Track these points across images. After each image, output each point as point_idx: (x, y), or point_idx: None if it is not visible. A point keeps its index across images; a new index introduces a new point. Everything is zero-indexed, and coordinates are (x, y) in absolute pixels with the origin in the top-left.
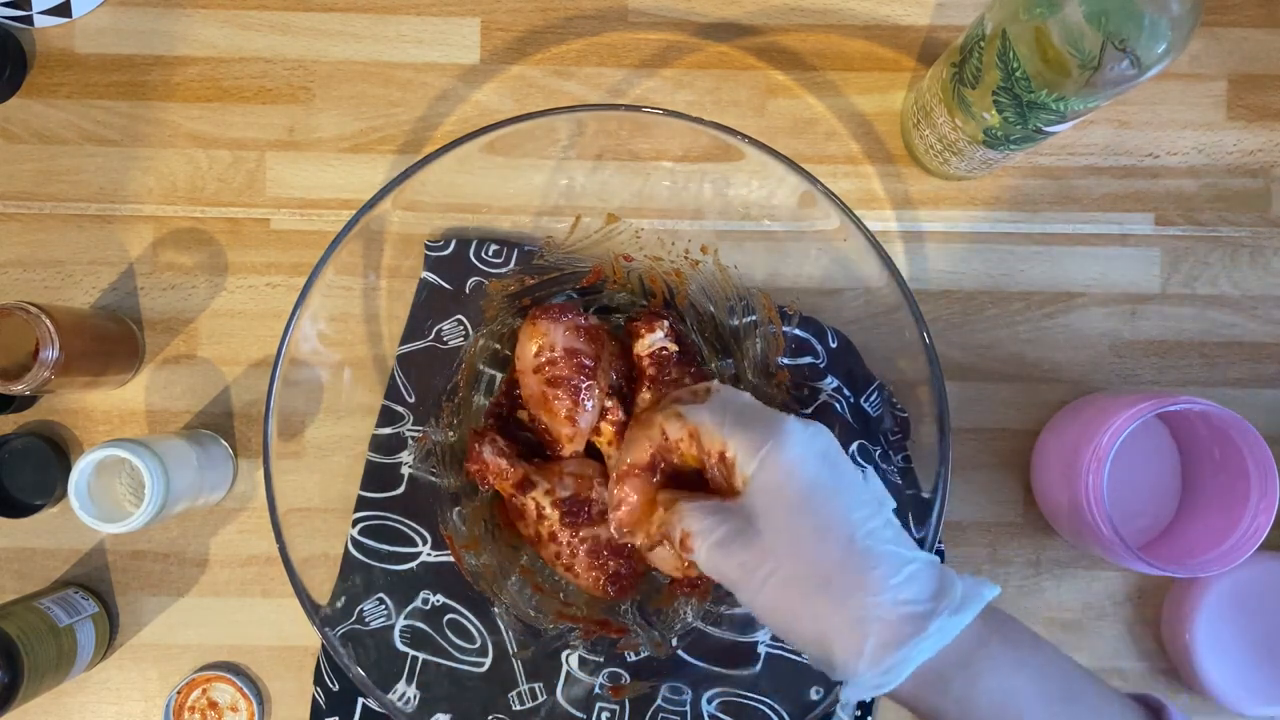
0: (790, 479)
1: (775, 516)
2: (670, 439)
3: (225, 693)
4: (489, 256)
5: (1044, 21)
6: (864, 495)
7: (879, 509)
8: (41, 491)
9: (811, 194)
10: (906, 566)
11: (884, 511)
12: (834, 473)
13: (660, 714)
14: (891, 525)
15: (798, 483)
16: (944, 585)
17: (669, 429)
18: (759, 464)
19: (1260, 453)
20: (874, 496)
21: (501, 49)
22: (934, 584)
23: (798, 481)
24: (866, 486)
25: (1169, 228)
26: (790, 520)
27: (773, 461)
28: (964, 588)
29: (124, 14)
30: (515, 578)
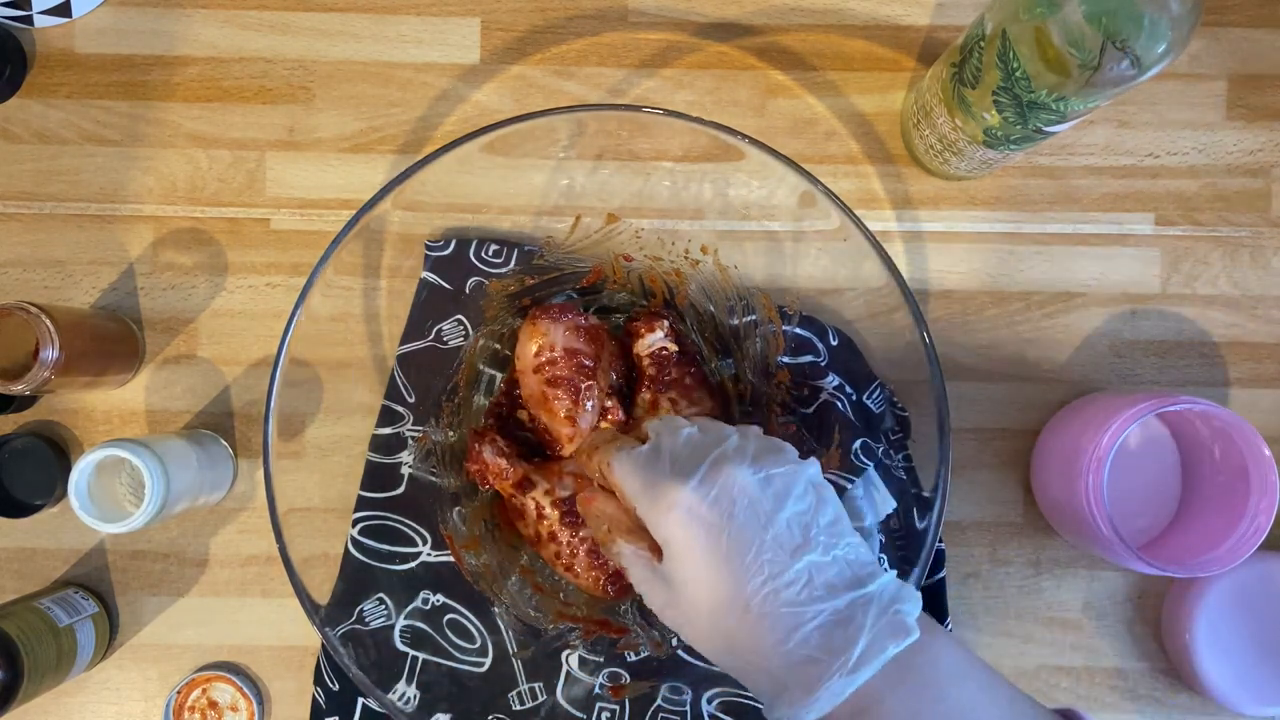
0: (686, 557)
1: (684, 589)
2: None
3: (225, 693)
4: (489, 256)
5: (1044, 21)
6: (765, 555)
7: (790, 559)
8: (41, 491)
9: (811, 194)
10: (801, 628)
11: (795, 562)
12: (729, 542)
13: (660, 714)
14: (800, 577)
15: (693, 562)
16: (845, 639)
17: (604, 473)
18: (661, 539)
19: (1260, 453)
20: (783, 546)
21: (501, 49)
22: (832, 640)
23: (693, 561)
24: (777, 537)
25: (1169, 228)
26: (694, 595)
27: (670, 540)
28: (867, 643)
29: (124, 14)
30: (515, 578)
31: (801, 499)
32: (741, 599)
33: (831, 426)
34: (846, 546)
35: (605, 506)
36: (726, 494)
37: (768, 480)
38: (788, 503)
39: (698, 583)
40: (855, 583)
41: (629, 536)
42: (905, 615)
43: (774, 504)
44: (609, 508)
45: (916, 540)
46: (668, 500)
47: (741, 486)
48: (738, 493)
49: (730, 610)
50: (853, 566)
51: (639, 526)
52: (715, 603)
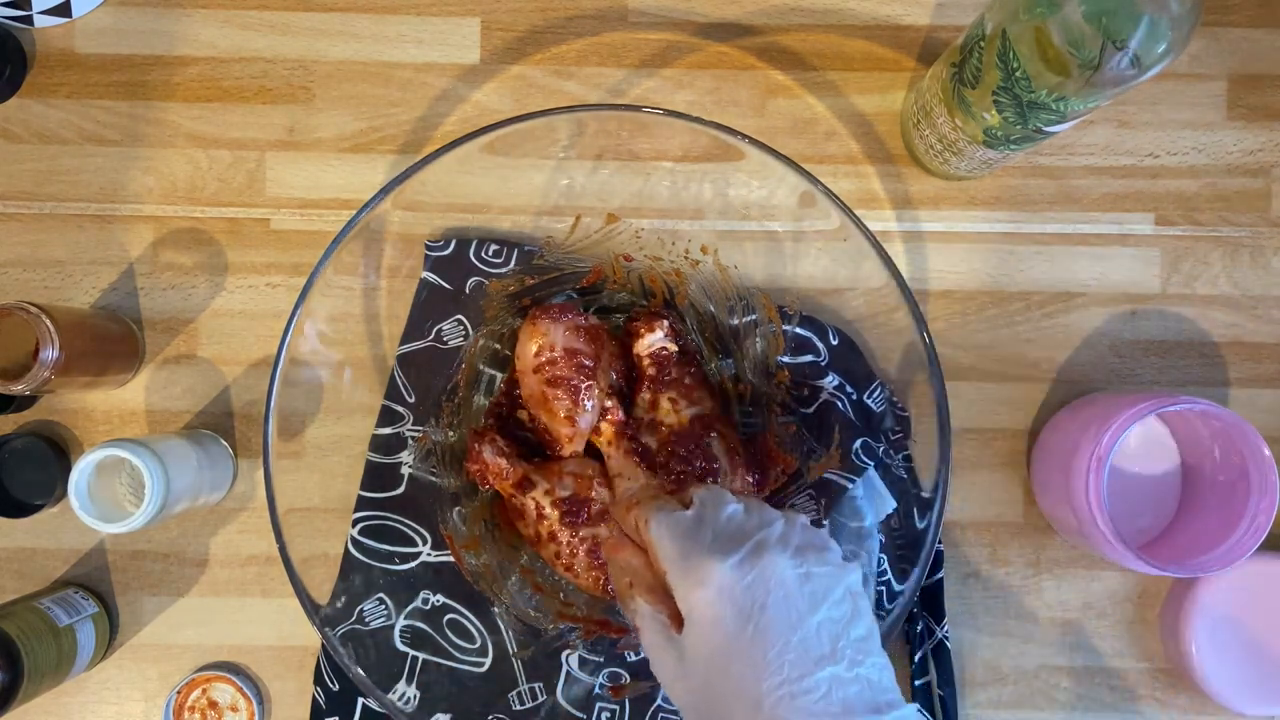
0: (709, 637)
1: (696, 664)
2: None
3: (225, 693)
4: (489, 256)
5: (1044, 21)
6: (789, 656)
7: (813, 666)
8: (41, 491)
9: (811, 194)
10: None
11: (818, 670)
12: (755, 632)
13: (660, 714)
14: (819, 687)
15: (715, 643)
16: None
17: (640, 528)
18: (686, 613)
19: (1260, 453)
20: (809, 652)
21: (501, 49)
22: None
23: (715, 642)
24: (805, 640)
25: (1169, 228)
26: (707, 677)
27: (695, 617)
28: None
29: (124, 14)
30: (515, 577)
31: (838, 605)
32: (756, 694)
33: (832, 426)
34: (872, 666)
35: (633, 559)
36: (763, 582)
37: (807, 578)
38: (823, 607)
39: (714, 665)
40: (873, 708)
41: (650, 596)
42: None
43: (809, 605)
44: (636, 561)
45: (916, 540)
46: (702, 574)
47: (780, 579)
48: (775, 584)
49: (740, 702)
50: (874, 689)
51: (662, 589)
52: (726, 692)
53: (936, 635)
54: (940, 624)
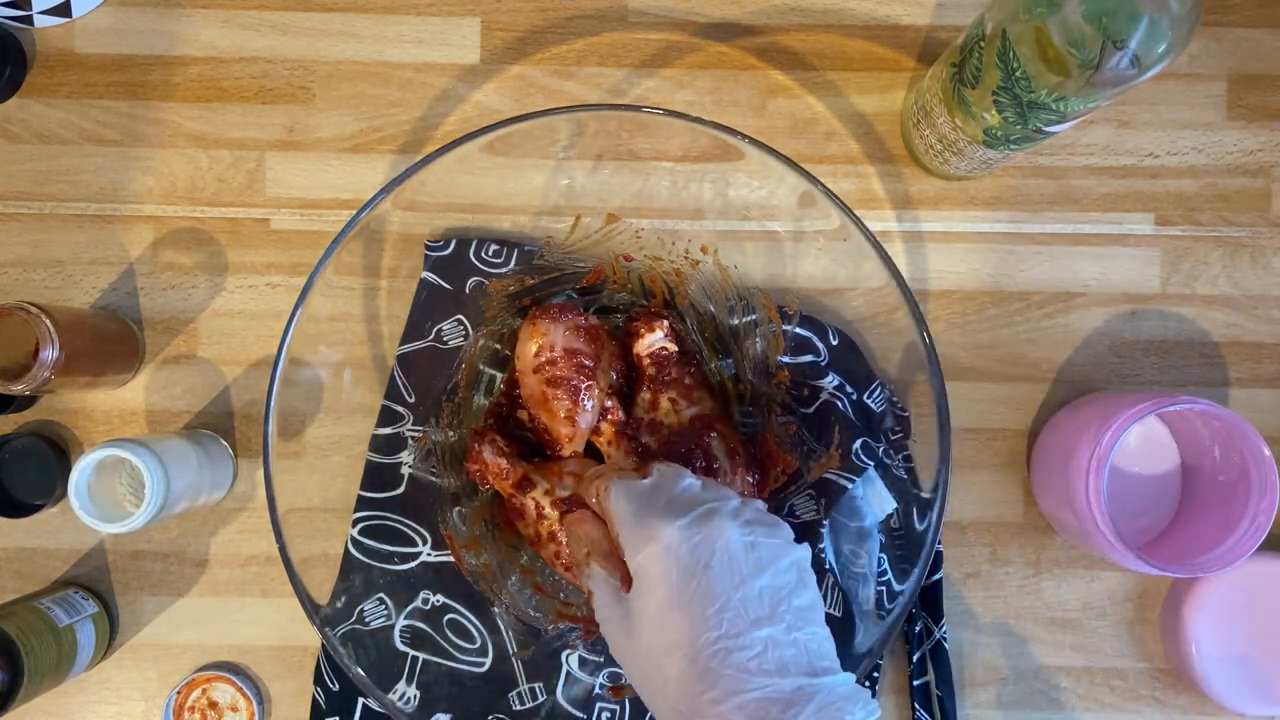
0: (653, 592)
1: (640, 622)
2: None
3: (225, 693)
4: (489, 256)
5: (1044, 21)
6: (728, 614)
7: (750, 626)
8: (41, 491)
9: (811, 194)
10: (741, 695)
11: (755, 630)
12: (697, 589)
13: None
14: (754, 645)
15: (659, 597)
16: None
17: (599, 496)
18: (634, 570)
19: (1260, 453)
20: (747, 612)
21: (501, 49)
22: (765, 717)
23: (659, 596)
24: (745, 600)
25: (1169, 228)
26: (649, 629)
27: (642, 571)
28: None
29: (124, 14)
30: (515, 577)
31: (782, 574)
32: (693, 648)
33: (832, 426)
34: (811, 635)
35: (592, 530)
36: (709, 543)
37: (753, 546)
38: (767, 573)
39: (656, 620)
40: (808, 671)
41: (604, 562)
42: (845, 716)
43: (752, 569)
44: (595, 532)
45: (916, 540)
46: (651, 532)
47: (726, 542)
48: (720, 546)
49: (678, 656)
50: (811, 655)
51: (616, 556)
52: (666, 644)
53: (935, 635)
54: (939, 624)
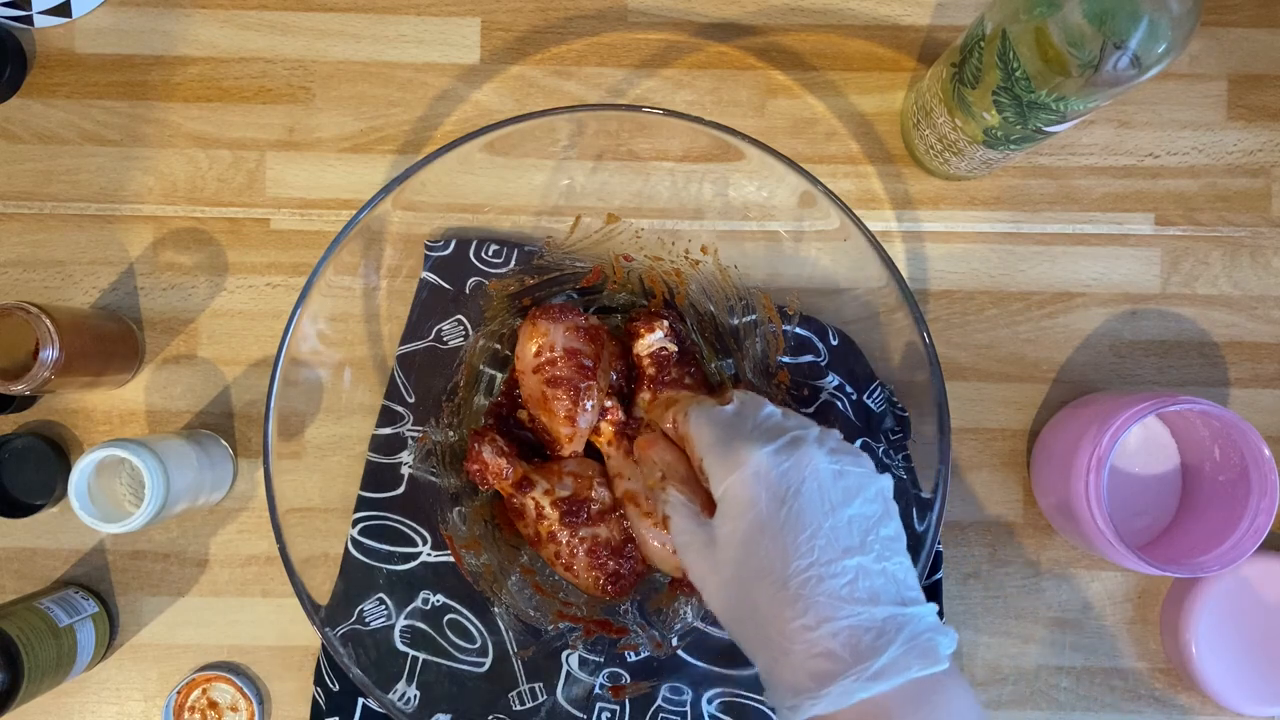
0: (742, 517)
1: (727, 548)
2: (677, 430)
3: (225, 693)
4: (489, 256)
5: (1044, 21)
6: (819, 541)
7: (840, 554)
8: (41, 491)
9: (811, 194)
10: (833, 622)
11: (845, 558)
12: (788, 515)
13: (660, 714)
14: (846, 573)
15: (748, 522)
16: (872, 648)
17: (677, 421)
18: (721, 495)
19: (1260, 453)
20: (837, 540)
21: (501, 49)
22: (859, 644)
23: (748, 521)
24: (835, 528)
25: (1169, 228)
26: (737, 556)
27: (731, 496)
28: (894, 657)
29: (124, 14)
30: (515, 577)
31: (869, 503)
32: (783, 575)
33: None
34: (898, 565)
35: (665, 454)
36: (799, 470)
37: (841, 474)
38: (855, 501)
39: (744, 546)
40: (898, 600)
41: (682, 487)
42: (939, 645)
43: (841, 497)
44: (669, 456)
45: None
46: (740, 457)
47: (815, 469)
48: (810, 473)
49: (768, 582)
50: (899, 585)
51: (694, 480)
52: (755, 570)
53: None
54: None
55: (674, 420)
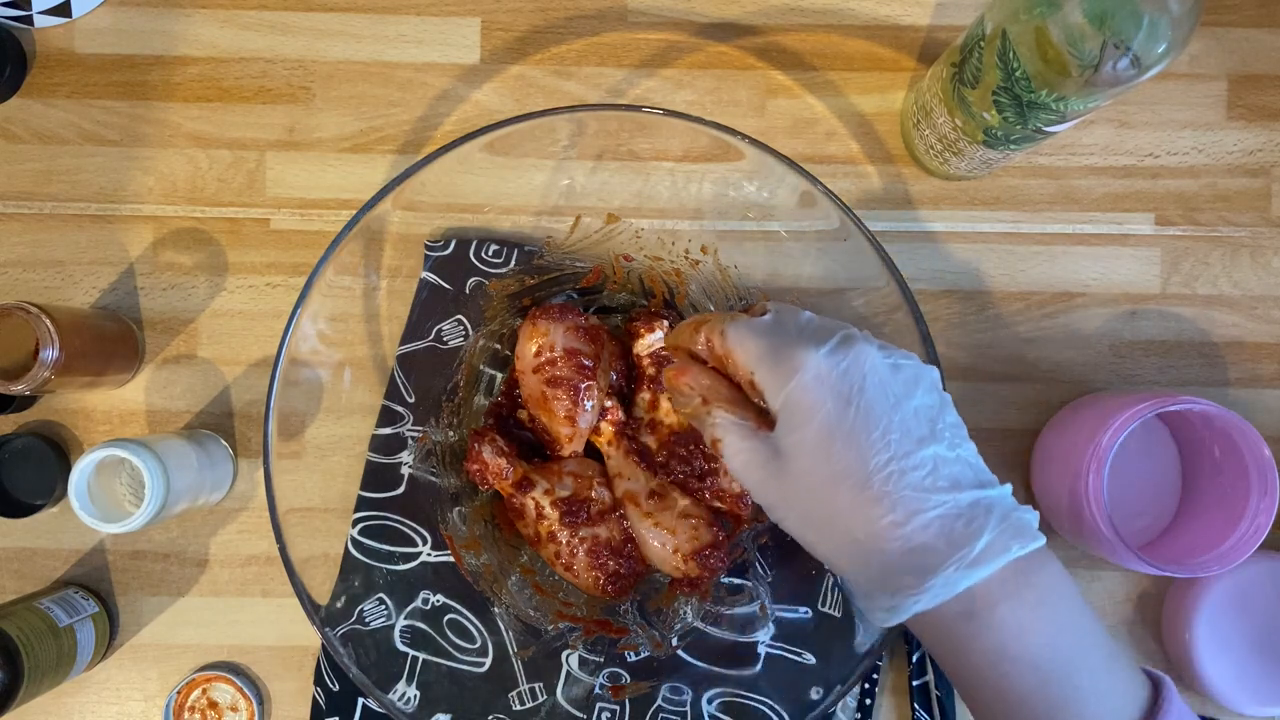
0: (808, 424)
1: (797, 458)
2: (714, 351)
3: (225, 693)
4: (489, 256)
5: (1044, 21)
6: (893, 435)
7: (915, 446)
8: (41, 491)
9: (811, 194)
10: (922, 514)
11: (921, 449)
12: (857, 414)
13: (660, 714)
14: (924, 464)
15: (816, 427)
16: (966, 534)
17: (713, 341)
18: (781, 404)
19: (1260, 453)
20: (910, 432)
21: (501, 49)
22: (953, 532)
23: (816, 426)
24: (905, 421)
25: (1169, 228)
26: (809, 464)
27: (793, 404)
28: (990, 540)
29: (124, 14)
30: (515, 577)
31: (929, 393)
32: (863, 474)
33: None
34: (969, 450)
35: (701, 378)
36: (858, 367)
37: (897, 367)
38: (917, 392)
39: (816, 453)
40: (978, 484)
41: (729, 406)
42: (1030, 522)
43: (904, 390)
44: (705, 379)
45: None
46: (797, 362)
47: (873, 364)
48: (869, 368)
49: (847, 485)
50: (975, 470)
51: (740, 398)
52: (832, 475)
53: None
54: None
55: (708, 340)
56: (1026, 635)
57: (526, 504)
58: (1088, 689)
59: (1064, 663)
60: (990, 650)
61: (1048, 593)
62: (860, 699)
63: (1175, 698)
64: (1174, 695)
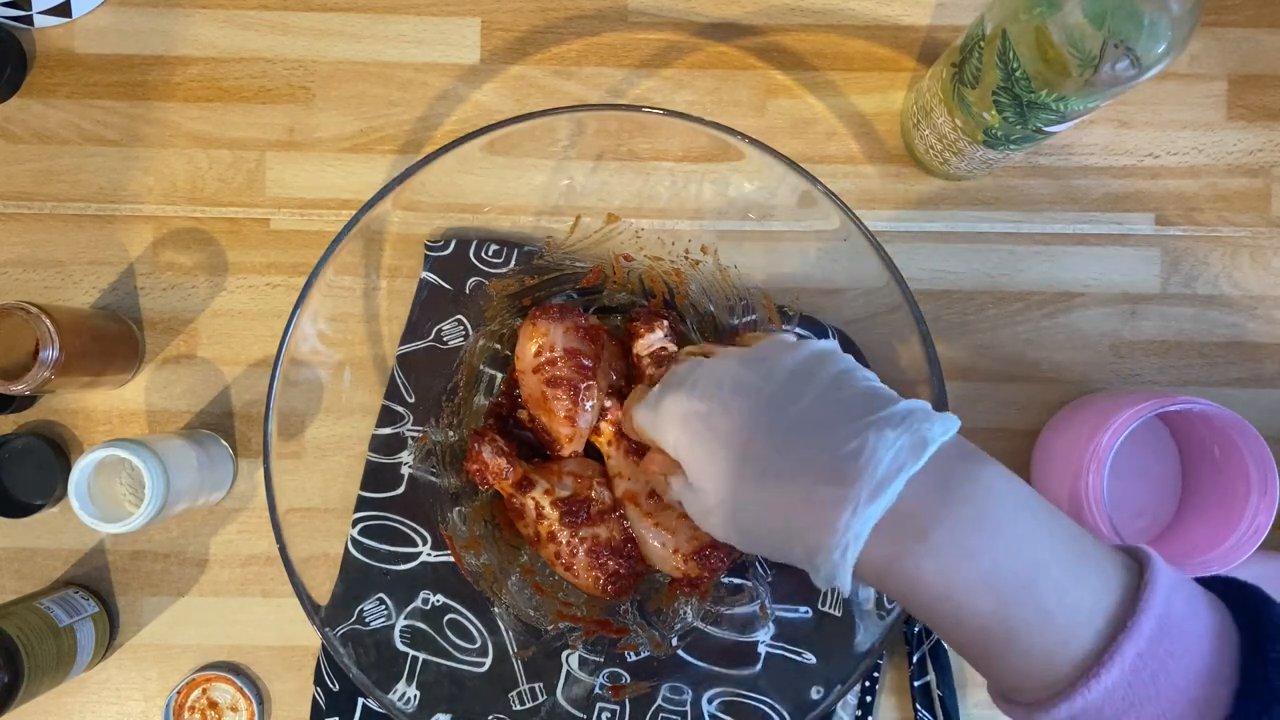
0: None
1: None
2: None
3: (225, 693)
4: (489, 256)
5: (1044, 21)
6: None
7: (790, 410)
8: (41, 491)
9: (811, 194)
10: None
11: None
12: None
13: (661, 714)
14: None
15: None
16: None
17: (634, 431)
18: (670, 450)
19: (1260, 453)
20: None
21: (501, 49)
22: (842, 472)
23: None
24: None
25: (1169, 228)
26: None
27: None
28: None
29: (124, 14)
30: (515, 577)
31: (801, 364)
32: (753, 467)
33: None
34: (862, 380)
35: (653, 460)
36: (711, 382)
37: (754, 361)
38: (780, 370)
39: (711, 470)
40: (867, 411)
41: (667, 469)
42: (927, 433)
43: (763, 376)
44: (658, 459)
45: None
46: (665, 415)
47: (726, 370)
48: (723, 376)
49: (745, 481)
50: (864, 398)
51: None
52: (732, 481)
53: (934, 636)
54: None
55: (633, 429)
56: (971, 558)
57: (526, 504)
58: (1051, 600)
59: (1019, 578)
60: (936, 584)
61: (986, 503)
62: (861, 698)
63: (1161, 571)
64: (1160, 568)
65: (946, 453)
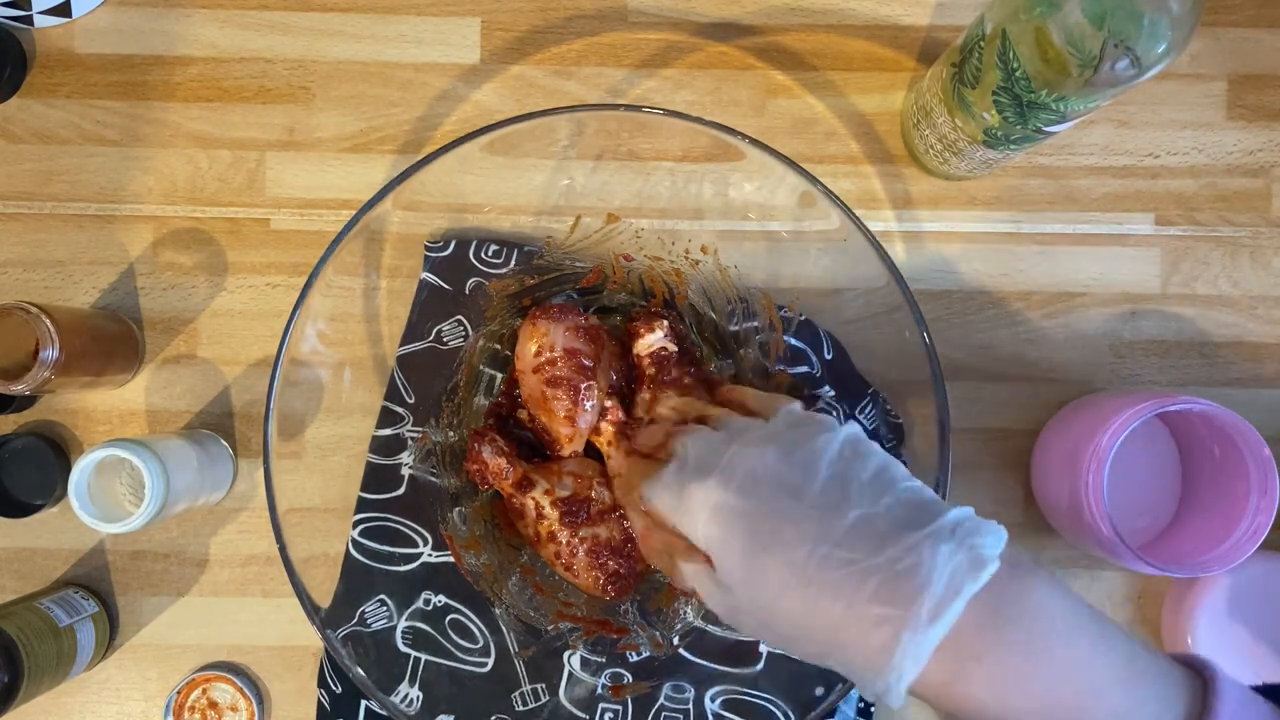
0: (729, 551)
1: (739, 586)
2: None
3: (225, 693)
4: (489, 257)
5: (1044, 21)
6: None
7: (834, 521)
8: (41, 491)
9: (811, 194)
10: (866, 585)
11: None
12: (765, 521)
13: (663, 713)
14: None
15: (737, 554)
16: (911, 591)
17: (647, 510)
18: (702, 545)
19: (1260, 453)
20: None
21: (501, 49)
22: (897, 594)
23: (736, 553)
24: (814, 504)
25: (1169, 228)
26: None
27: (710, 544)
28: (942, 587)
29: (124, 14)
30: (515, 577)
31: (836, 461)
32: (796, 576)
33: None
34: (904, 490)
35: (663, 537)
36: (749, 477)
37: (790, 452)
38: (819, 467)
39: (750, 576)
40: (916, 524)
41: (687, 556)
42: (982, 548)
43: (803, 473)
44: (666, 535)
45: None
46: (694, 504)
47: (764, 465)
48: (761, 472)
49: (789, 592)
50: (910, 508)
51: (693, 545)
52: (774, 590)
53: None
54: None
55: (643, 508)
56: (1023, 684)
57: (526, 504)
58: None
59: (1072, 702)
60: (991, 708)
61: (1037, 626)
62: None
63: (1227, 692)
64: (1225, 689)
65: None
